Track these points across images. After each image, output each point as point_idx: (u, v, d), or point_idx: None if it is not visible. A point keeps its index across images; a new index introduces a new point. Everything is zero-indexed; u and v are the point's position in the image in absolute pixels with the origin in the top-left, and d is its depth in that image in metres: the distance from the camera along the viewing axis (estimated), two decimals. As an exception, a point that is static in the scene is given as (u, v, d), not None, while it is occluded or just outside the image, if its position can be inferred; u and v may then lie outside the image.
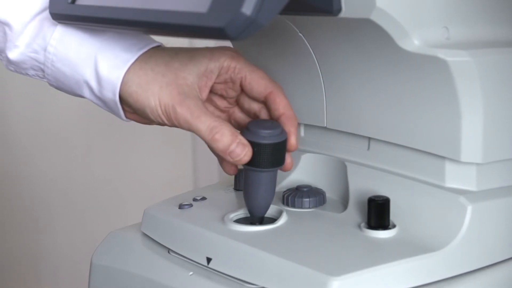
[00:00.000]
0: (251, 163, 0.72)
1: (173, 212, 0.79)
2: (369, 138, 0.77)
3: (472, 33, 0.71)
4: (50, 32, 0.76)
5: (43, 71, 0.78)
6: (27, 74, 0.81)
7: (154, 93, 0.73)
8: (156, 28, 0.67)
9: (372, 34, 0.69)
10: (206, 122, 0.71)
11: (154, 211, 0.81)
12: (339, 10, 0.67)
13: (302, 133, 0.84)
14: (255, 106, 0.77)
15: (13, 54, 0.78)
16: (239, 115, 0.79)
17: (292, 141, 0.74)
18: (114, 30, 0.75)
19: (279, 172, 0.75)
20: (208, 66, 0.74)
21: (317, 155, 0.82)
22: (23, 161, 1.95)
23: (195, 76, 0.73)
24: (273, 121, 0.75)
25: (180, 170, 2.10)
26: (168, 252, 0.77)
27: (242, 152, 0.71)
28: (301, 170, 0.83)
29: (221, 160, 0.76)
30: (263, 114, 0.77)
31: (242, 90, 0.77)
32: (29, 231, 1.99)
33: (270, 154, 0.72)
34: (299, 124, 0.84)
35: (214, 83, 0.76)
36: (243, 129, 0.74)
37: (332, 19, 0.68)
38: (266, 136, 0.71)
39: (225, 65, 0.75)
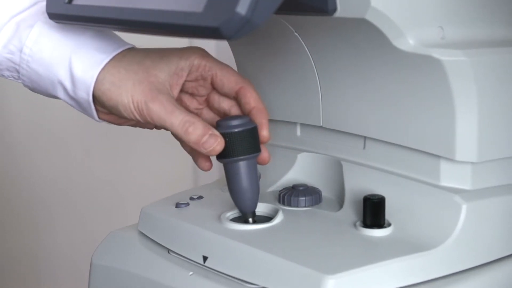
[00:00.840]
0: (226, 154, 0.73)
1: (169, 211, 0.80)
2: (365, 137, 0.77)
3: (467, 33, 0.71)
4: (26, 33, 0.77)
5: (18, 72, 0.79)
6: (3, 75, 0.82)
7: (127, 90, 0.74)
8: (152, 28, 0.67)
9: (367, 34, 0.69)
10: (179, 117, 0.73)
11: (151, 210, 0.81)
12: (334, 9, 0.67)
13: (298, 132, 0.85)
14: (225, 105, 0.79)
15: None
16: (209, 115, 0.81)
17: (264, 132, 0.75)
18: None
19: (275, 171, 0.76)
20: (178, 64, 0.76)
21: (313, 154, 0.83)
22: (22, 162, 1.95)
23: (166, 74, 0.75)
24: (239, 115, 0.77)
25: (180, 170, 2.10)
26: (168, 252, 0.77)
27: (214, 142, 0.73)
28: (297, 169, 0.83)
29: (196, 156, 0.79)
30: (234, 112, 0.79)
31: (213, 87, 0.78)
32: (29, 231, 1.99)
33: (242, 141, 0.73)
34: (295, 123, 0.84)
35: (185, 81, 0.77)
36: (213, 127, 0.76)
37: (327, 19, 0.68)
38: (235, 125, 0.73)
39: (195, 63, 0.77)
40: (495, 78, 0.69)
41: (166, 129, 0.75)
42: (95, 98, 0.77)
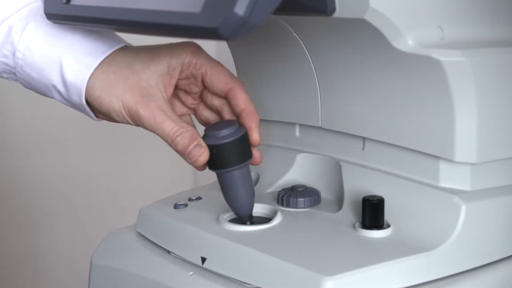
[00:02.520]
0: (217, 166, 0.73)
1: (168, 212, 0.79)
2: (364, 138, 0.77)
3: (467, 33, 0.71)
4: (17, 37, 0.77)
5: (14, 74, 0.79)
6: (1, 77, 0.82)
7: (118, 96, 0.74)
8: (150, 28, 0.67)
9: (366, 34, 0.69)
10: (169, 126, 0.73)
11: (149, 211, 0.81)
12: (333, 10, 0.67)
13: (297, 133, 0.85)
14: (217, 103, 0.78)
15: None
16: (205, 112, 0.80)
17: (254, 136, 0.74)
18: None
19: (274, 172, 0.75)
20: (169, 64, 0.75)
21: (312, 155, 0.82)
22: (22, 162, 1.95)
23: (157, 76, 0.74)
24: (229, 121, 0.76)
25: (180, 170, 2.09)
26: (168, 252, 0.77)
27: (198, 153, 0.72)
28: (296, 170, 0.83)
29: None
30: (225, 111, 0.78)
31: (204, 86, 0.78)
32: (28, 231, 1.99)
33: (232, 152, 0.72)
34: (294, 124, 0.84)
35: (178, 79, 0.77)
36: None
37: (326, 19, 0.68)
38: (223, 136, 0.72)
39: (186, 61, 0.75)
40: (494, 78, 0.69)
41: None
42: (88, 102, 0.76)
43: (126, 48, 0.77)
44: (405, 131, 0.72)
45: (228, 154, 0.72)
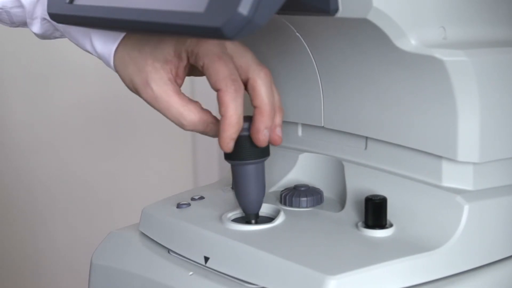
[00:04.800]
0: (234, 157, 0.72)
1: (171, 212, 0.80)
2: (367, 138, 0.77)
3: (469, 33, 0.71)
4: None
5: (63, 34, 0.84)
6: (56, 37, 0.87)
7: (129, 75, 0.75)
8: (153, 28, 0.67)
9: (369, 34, 0.69)
10: (172, 110, 0.72)
11: (152, 211, 0.81)
12: (336, 10, 0.67)
13: (299, 132, 0.85)
14: None
15: (35, 28, 0.85)
16: None
17: (256, 138, 0.72)
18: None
19: (277, 171, 0.76)
20: (175, 48, 0.73)
21: (314, 155, 0.83)
22: (22, 162, 1.95)
23: (163, 62, 0.73)
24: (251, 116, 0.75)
25: (180, 170, 2.10)
26: (168, 252, 0.77)
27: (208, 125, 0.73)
28: (299, 170, 0.83)
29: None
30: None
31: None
32: (29, 231, 1.99)
33: (250, 146, 0.72)
34: (296, 124, 0.84)
35: (191, 64, 0.74)
36: None
37: (329, 19, 0.68)
38: (244, 128, 0.72)
39: (189, 49, 0.73)
40: (497, 78, 0.69)
41: None
42: None
43: None
44: (408, 130, 0.72)
45: (247, 146, 0.72)
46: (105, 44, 0.77)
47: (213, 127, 0.73)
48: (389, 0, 0.66)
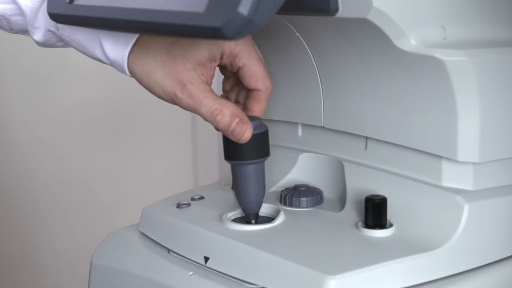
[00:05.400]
0: (234, 157, 0.73)
1: (171, 212, 0.80)
2: (367, 138, 0.77)
3: (469, 33, 0.71)
4: None
5: (65, 42, 0.82)
6: (57, 47, 0.85)
7: (157, 81, 0.74)
8: (153, 28, 0.67)
9: (369, 34, 0.69)
10: (207, 106, 0.73)
11: (152, 211, 0.81)
12: (336, 10, 0.67)
13: (299, 132, 0.85)
14: (243, 93, 0.79)
15: (36, 36, 0.83)
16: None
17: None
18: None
19: (277, 171, 0.76)
20: (210, 50, 0.74)
21: (314, 155, 0.83)
22: (22, 162, 1.95)
23: (195, 63, 0.74)
24: (252, 116, 0.75)
25: (180, 170, 2.10)
26: (168, 252, 0.77)
27: (241, 130, 0.72)
28: (299, 170, 0.83)
29: None
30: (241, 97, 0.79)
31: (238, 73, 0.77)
32: (29, 231, 1.99)
33: (251, 146, 0.73)
34: (296, 124, 0.84)
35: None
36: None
37: (329, 19, 0.68)
38: None
39: (227, 51, 0.75)
40: (497, 78, 0.69)
41: None
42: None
43: None
44: (408, 130, 0.72)
45: (247, 146, 0.72)
46: (117, 49, 0.76)
47: (240, 124, 0.73)
48: (389, 0, 0.66)
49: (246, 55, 0.75)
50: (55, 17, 0.76)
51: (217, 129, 0.74)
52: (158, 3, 0.65)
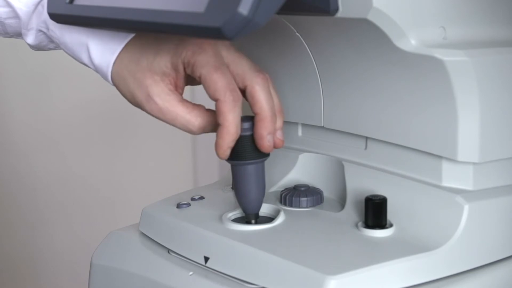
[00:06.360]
0: (235, 157, 0.73)
1: (171, 212, 0.80)
2: (367, 138, 0.77)
3: (469, 33, 0.71)
4: (48, 17, 0.79)
5: (56, 44, 0.82)
6: (50, 49, 0.86)
7: (130, 90, 0.75)
8: (153, 28, 0.67)
9: (369, 34, 0.69)
10: (178, 118, 0.73)
11: (152, 211, 0.81)
12: (336, 10, 0.67)
13: (299, 132, 0.85)
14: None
15: (29, 39, 0.83)
16: None
17: (260, 144, 0.72)
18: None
19: (277, 171, 0.75)
20: (172, 61, 0.73)
21: (314, 155, 0.83)
22: (22, 162, 1.95)
23: (161, 74, 0.73)
24: (252, 116, 0.75)
25: (180, 170, 2.10)
26: (168, 252, 0.77)
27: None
28: (299, 170, 0.83)
29: None
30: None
31: None
32: (28, 231, 1.99)
33: (250, 146, 0.72)
34: (296, 124, 0.84)
35: (188, 75, 0.74)
36: None
37: (329, 19, 0.68)
38: (244, 129, 0.72)
39: (186, 61, 0.72)
40: (497, 78, 0.69)
41: None
42: None
43: (141, 37, 0.75)
44: (408, 130, 0.72)
45: (246, 146, 0.72)
46: (103, 56, 0.76)
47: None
48: (389, 0, 0.66)
49: (201, 65, 0.71)
50: (55, 17, 0.76)
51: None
52: (158, 3, 0.65)
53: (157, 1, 0.65)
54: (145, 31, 0.71)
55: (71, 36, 0.78)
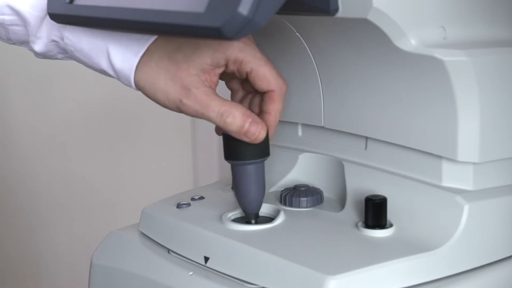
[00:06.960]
0: (235, 157, 0.73)
1: (171, 212, 0.80)
2: (367, 138, 0.77)
3: (469, 33, 0.71)
4: (62, 26, 0.77)
5: (68, 53, 0.80)
6: (57, 59, 0.83)
7: (160, 88, 0.73)
8: (153, 28, 0.67)
9: (369, 34, 0.69)
10: (215, 109, 0.71)
11: (152, 211, 0.81)
12: (336, 10, 0.67)
13: (299, 132, 0.85)
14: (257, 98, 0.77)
15: (37, 46, 0.80)
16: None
17: None
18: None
19: (277, 171, 0.75)
20: (213, 57, 0.73)
21: (314, 155, 0.83)
22: (23, 162, 1.95)
23: (198, 70, 0.72)
24: None
25: (180, 170, 2.10)
26: (168, 252, 0.77)
27: (256, 130, 0.71)
28: (299, 170, 0.83)
29: None
30: (255, 104, 0.77)
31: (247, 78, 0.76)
32: (29, 231, 1.99)
33: (251, 146, 0.72)
34: (296, 124, 0.84)
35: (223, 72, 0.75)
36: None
37: (329, 19, 0.68)
38: None
39: (232, 58, 0.73)
40: (497, 78, 0.69)
41: None
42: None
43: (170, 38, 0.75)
44: (408, 130, 0.72)
45: (246, 146, 0.72)
46: (125, 59, 0.74)
47: (254, 124, 0.72)
48: (389, 0, 0.66)
49: (252, 59, 0.73)
50: (55, 17, 0.76)
51: (224, 132, 0.73)
52: (158, 3, 0.65)
53: (157, 1, 0.65)
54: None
55: (89, 41, 0.76)
